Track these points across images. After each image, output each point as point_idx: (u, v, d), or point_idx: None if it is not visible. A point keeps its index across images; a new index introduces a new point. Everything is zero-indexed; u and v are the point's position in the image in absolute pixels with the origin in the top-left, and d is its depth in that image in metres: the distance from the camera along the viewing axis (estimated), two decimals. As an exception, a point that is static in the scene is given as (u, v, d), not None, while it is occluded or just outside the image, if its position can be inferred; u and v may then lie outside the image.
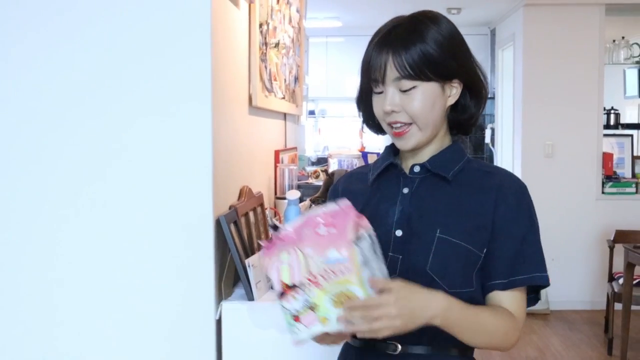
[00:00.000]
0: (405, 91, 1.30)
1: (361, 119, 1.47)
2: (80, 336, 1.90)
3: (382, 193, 1.40)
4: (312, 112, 7.58)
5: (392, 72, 1.30)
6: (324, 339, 1.24)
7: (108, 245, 1.88)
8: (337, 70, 7.20)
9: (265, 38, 2.72)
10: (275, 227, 1.24)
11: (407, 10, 1.44)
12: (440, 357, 1.33)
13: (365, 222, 1.23)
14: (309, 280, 1.17)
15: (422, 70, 1.29)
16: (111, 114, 1.87)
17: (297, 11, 3.71)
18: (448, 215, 1.31)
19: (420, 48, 1.28)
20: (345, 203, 1.22)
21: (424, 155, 1.39)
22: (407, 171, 1.40)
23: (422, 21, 1.33)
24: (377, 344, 1.33)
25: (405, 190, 1.37)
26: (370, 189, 1.42)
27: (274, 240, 1.23)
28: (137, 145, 1.87)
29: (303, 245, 1.18)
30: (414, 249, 1.29)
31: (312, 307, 1.17)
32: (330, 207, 1.22)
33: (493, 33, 6.98)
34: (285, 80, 3.23)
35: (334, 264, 1.15)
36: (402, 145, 1.36)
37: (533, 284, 1.33)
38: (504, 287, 1.31)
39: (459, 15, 6.33)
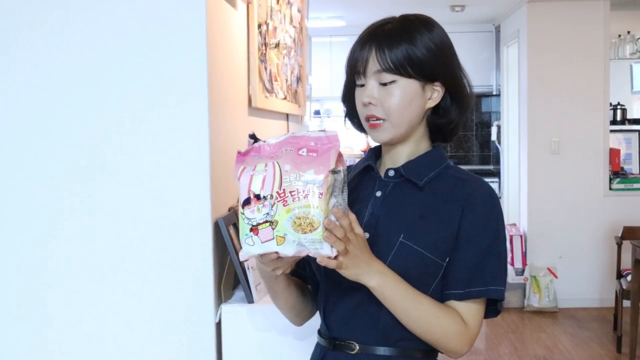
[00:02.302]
0: (384, 84, 1.32)
1: (344, 116, 1.49)
2: (77, 341, 1.89)
3: (357, 194, 1.41)
4: (317, 112, 7.57)
5: (374, 64, 1.32)
6: (270, 263, 1.23)
7: (105, 249, 1.87)
8: (341, 70, 7.06)
9: (265, 38, 2.70)
10: (254, 137, 1.24)
11: (411, 8, 1.45)
12: (404, 359, 1.33)
13: (342, 158, 1.23)
14: (278, 194, 1.16)
15: (404, 66, 1.31)
16: (106, 117, 1.86)
17: (299, 11, 3.69)
18: (415, 222, 1.32)
19: (405, 47, 1.31)
20: (332, 132, 1.22)
21: (401, 159, 1.40)
22: (382, 175, 1.41)
23: (413, 22, 1.35)
24: (338, 344, 1.36)
25: (378, 194, 1.38)
26: (348, 188, 1.41)
27: (250, 149, 1.24)
28: (134, 149, 1.86)
29: (282, 161, 1.18)
30: (377, 252, 1.28)
31: (272, 223, 1.16)
32: (316, 132, 1.22)
33: (498, 30, 6.95)
34: (286, 80, 3.21)
35: (308, 185, 1.16)
36: (376, 137, 1.38)
37: (487, 297, 1.33)
38: (460, 298, 1.31)
39: (462, 13, 6.30)
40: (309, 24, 4.67)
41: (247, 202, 1.18)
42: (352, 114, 1.45)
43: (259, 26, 2.58)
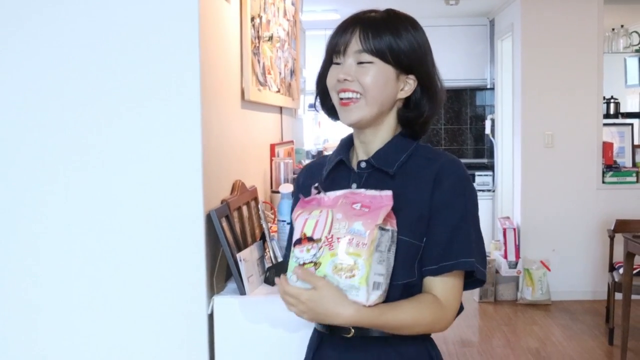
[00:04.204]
0: (362, 63, 1.37)
1: (317, 101, 1.53)
2: (69, 334, 1.90)
3: (334, 188, 1.44)
4: (312, 106, 7.53)
5: (356, 44, 1.37)
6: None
7: (97, 242, 1.88)
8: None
9: (258, 31, 2.71)
10: (318, 188, 1.32)
11: (405, 2, 1.48)
12: (398, 339, 1.37)
13: (394, 221, 1.31)
14: (326, 238, 1.26)
15: (384, 52, 1.36)
16: (97, 110, 1.86)
17: (293, 4, 3.70)
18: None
19: (389, 36, 1.37)
20: (387, 193, 1.30)
21: (372, 148, 1.44)
22: (355, 167, 1.45)
23: (400, 17, 1.41)
24: (335, 329, 1.39)
25: (354, 186, 1.42)
26: (324, 183, 1.47)
27: (313, 199, 1.34)
28: (125, 141, 1.86)
29: (336, 210, 1.28)
30: None
31: (315, 264, 1.26)
32: (372, 192, 1.31)
33: (492, 23, 6.95)
34: (280, 73, 3.21)
35: (354, 234, 1.24)
36: (345, 117, 1.41)
37: (460, 269, 1.36)
38: (435, 273, 1.36)
39: (457, 6, 6.30)
40: (303, 17, 4.66)
41: (298, 242, 1.29)
42: (323, 97, 1.49)
43: (252, 19, 2.58)
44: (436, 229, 1.35)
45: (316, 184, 1.34)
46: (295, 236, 1.29)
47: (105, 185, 1.87)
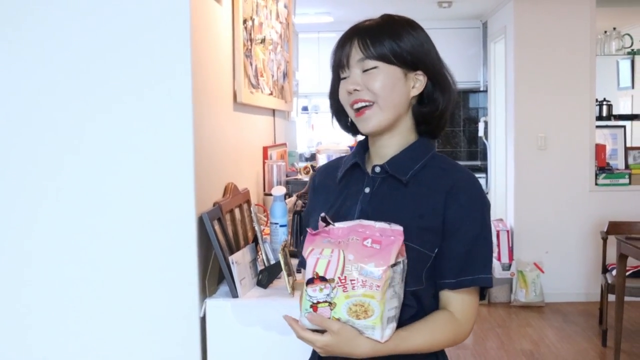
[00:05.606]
0: (367, 70, 1.37)
1: (332, 116, 1.52)
2: (61, 336, 1.89)
3: (348, 190, 1.45)
4: (305, 108, 7.56)
5: (357, 53, 1.37)
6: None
7: (89, 245, 1.87)
8: (329, 66, 7.12)
9: (250, 34, 2.70)
10: (325, 220, 1.31)
11: (397, 4, 1.49)
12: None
13: (403, 248, 1.30)
14: (340, 280, 1.26)
15: (385, 54, 1.36)
16: (87, 111, 1.86)
17: (285, 7, 3.69)
18: (402, 217, 1.34)
19: (388, 37, 1.36)
20: (397, 227, 1.29)
21: (388, 152, 1.43)
22: (369, 171, 1.44)
23: (395, 19, 1.41)
24: None
25: (367, 190, 1.42)
26: (339, 185, 1.47)
27: (321, 231, 1.32)
28: (116, 143, 1.86)
29: (348, 250, 1.27)
30: None
31: (330, 304, 1.27)
32: (382, 224, 1.29)
33: (485, 26, 6.97)
34: (273, 76, 3.21)
35: (367, 277, 1.25)
36: (363, 126, 1.41)
37: (478, 285, 1.38)
38: (454, 287, 1.36)
39: (449, 9, 6.31)
40: (296, 20, 4.67)
41: (310, 281, 1.29)
42: (338, 112, 1.48)
43: (244, 22, 2.58)
44: (454, 243, 1.35)
45: (323, 214, 1.31)
46: (308, 275, 1.29)
47: (97, 188, 1.87)
